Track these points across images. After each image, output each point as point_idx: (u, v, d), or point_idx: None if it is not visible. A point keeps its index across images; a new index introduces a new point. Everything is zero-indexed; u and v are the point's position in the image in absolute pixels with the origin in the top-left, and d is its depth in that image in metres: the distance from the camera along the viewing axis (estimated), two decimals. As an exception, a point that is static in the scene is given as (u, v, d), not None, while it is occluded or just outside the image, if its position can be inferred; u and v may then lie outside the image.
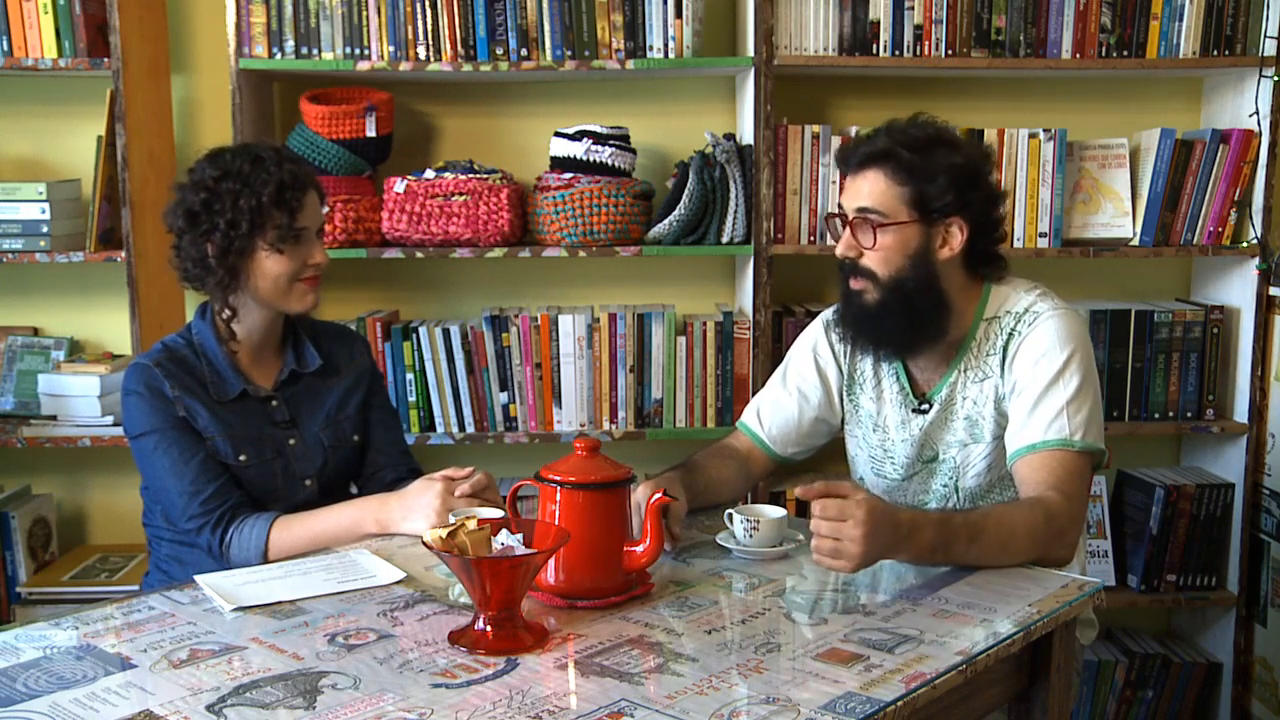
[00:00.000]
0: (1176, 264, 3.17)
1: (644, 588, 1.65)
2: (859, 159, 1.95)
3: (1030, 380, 1.91)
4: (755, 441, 2.18)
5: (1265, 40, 2.81)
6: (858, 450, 2.16)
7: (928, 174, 1.91)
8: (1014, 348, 1.95)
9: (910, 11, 2.79)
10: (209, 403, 2.00)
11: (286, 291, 2.02)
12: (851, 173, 1.96)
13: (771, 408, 2.18)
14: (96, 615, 1.60)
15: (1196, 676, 3.06)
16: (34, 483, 3.07)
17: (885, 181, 1.92)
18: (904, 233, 1.92)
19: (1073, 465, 1.86)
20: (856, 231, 1.94)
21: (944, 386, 2.02)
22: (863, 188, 1.93)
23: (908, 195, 1.91)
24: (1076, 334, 1.94)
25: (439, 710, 1.30)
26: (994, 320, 1.99)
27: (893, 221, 1.92)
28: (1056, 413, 1.88)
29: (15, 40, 2.71)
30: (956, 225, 1.94)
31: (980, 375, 1.99)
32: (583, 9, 2.75)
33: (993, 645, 1.49)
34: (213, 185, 1.96)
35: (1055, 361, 1.90)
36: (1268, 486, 2.92)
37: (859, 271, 1.96)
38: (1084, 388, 1.90)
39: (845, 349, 2.13)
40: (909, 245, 1.93)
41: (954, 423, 2.01)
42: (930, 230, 1.93)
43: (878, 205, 1.92)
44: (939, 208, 1.92)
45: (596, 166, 2.80)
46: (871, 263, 1.94)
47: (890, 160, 1.91)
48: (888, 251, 1.93)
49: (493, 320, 2.87)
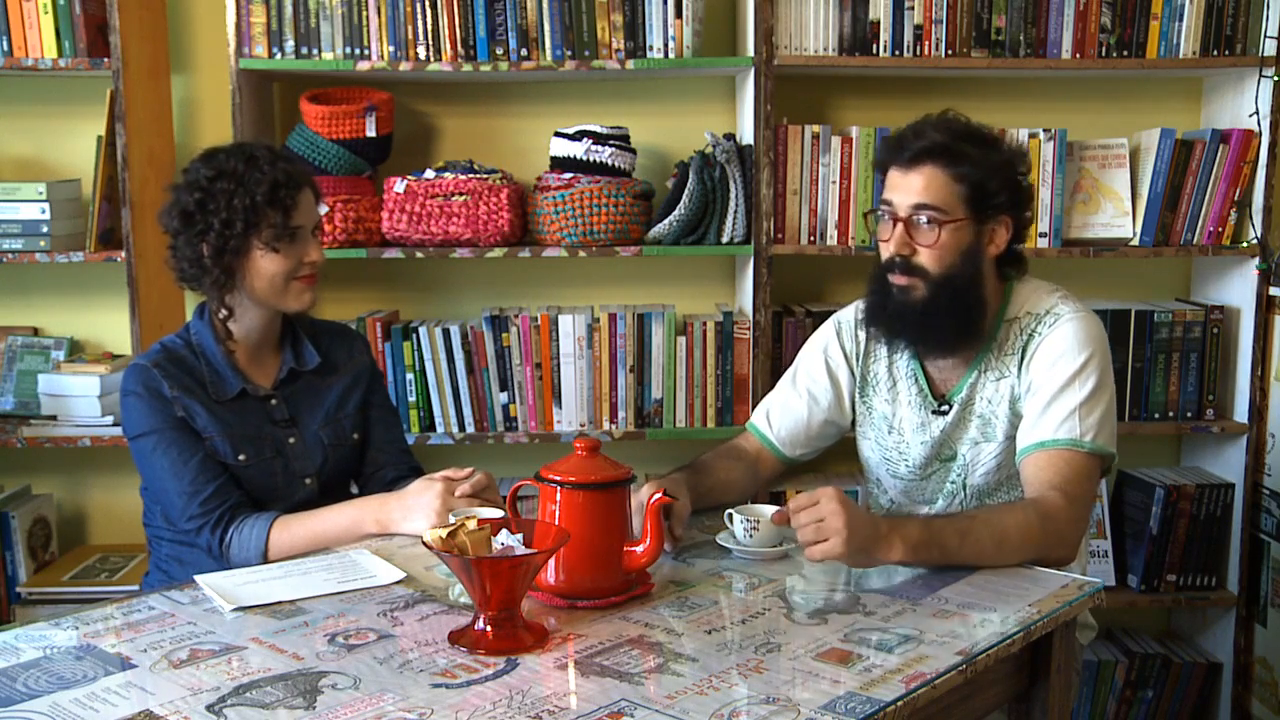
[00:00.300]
0: (1176, 264, 3.17)
1: (644, 588, 1.65)
2: (914, 153, 1.91)
3: (1046, 380, 1.91)
4: (764, 443, 2.18)
5: (1265, 40, 2.81)
6: (871, 452, 2.15)
7: (985, 171, 1.90)
8: (1033, 348, 1.95)
9: (910, 11, 2.78)
10: (208, 402, 2.00)
11: (283, 290, 2.02)
12: (904, 167, 1.92)
13: (781, 410, 2.17)
14: (96, 615, 1.60)
15: (1196, 676, 3.06)
16: (34, 483, 3.07)
17: (944, 177, 1.90)
18: (959, 230, 1.91)
19: (1080, 466, 1.86)
20: (911, 228, 1.92)
21: (964, 387, 2.01)
22: (918, 183, 1.90)
23: (965, 192, 1.90)
24: (1096, 337, 1.94)
25: (439, 710, 1.30)
26: (1014, 321, 1.99)
27: (950, 219, 1.90)
28: (1069, 413, 1.88)
29: (15, 40, 2.71)
30: (1004, 223, 1.93)
31: (998, 375, 1.99)
32: (583, 9, 2.75)
33: (993, 645, 1.49)
34: (207, 185, 1.96)
35: (1073, 363, 1.90)
36: (1268, 486, 2.92)
37: (910, 269, 1.93)
38: (1099, 391, 1.90)
39: (858, 350, 2.13)
40: (962, 242, 1.92)
41: (970, 422, 2.01)
42: (981, 228, 1.93)
43: (937, 202, 1.90)
44: (994, 205, 1.91)
45: (596, 166, 2.80)
46: (925, 260, 1.92)
47: (948, 155, 1.89)
48: (944, 249, 1.91)
49: (493, 320, 2.87)
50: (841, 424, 2.18)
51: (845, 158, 2.85)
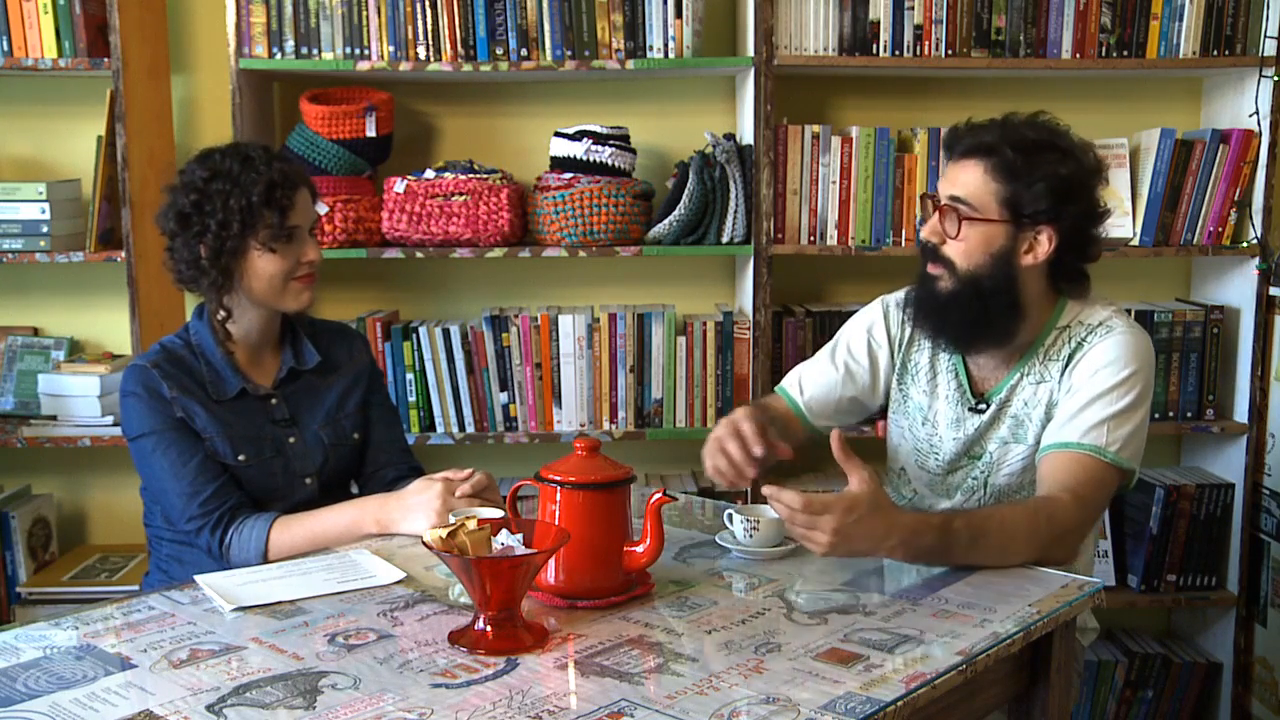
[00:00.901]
0: (1176, 264, 3.17)
1: (644, 588, 1.65)
2: (963, 148, 1.93)
3: (1084, 385, 1.90)
4: (792, 407, 2.15)
5: (1265, 40, 2.81)
6: (902, 440, 2.14)
7: (1028, 177, 1.88)
8: (1079, 356, 1.94)
9: (910, 11, 2.79)
10: (207, 403, 1.99)
11: (281, 290, 2.02)
12: (953, 159, 1.95)
13: (814, 378, 2.16)
14: (96, 615, 1.60)
15: (1196, 676, 3.06)
16: (34, 483, 3.07)
17: (983, 176, 1.90)
18: (990, 230, 1.90)
19: (1097, 473, 1.85)
20: (944, 218, 1.92)
21: (1004, 388, 2.01)
22: (959, 177, 1.92)
23: (1002, 194, 1.89)
24: (1144, 356, 1.93)
25: (439, 710, 1.30)
26: (1065, 329, 1.98)
27: (981, 217, 1.90)
28: (1099, 422, 1.87)
29: (15, 40, 2.71)
30: (1046, 234, 1.91)
31: (1038, 379, 1.98)
32: (583, 9, 2.75)
33: (993, 645, 1.48)
34: (203, 186, 1.96)
35: (1115, 375, 1.89)
36: (1268, 486, 2.92)
37: (939, 258, 1.94)
38: (1135, 408, 1.89)
39: (902, 336, 2.12)
40: (993, 243, 1.91)
41: (1003, 422, 2.01)
42: (1018, 234, 1.91)
43: (970, 197, 1.90)
44: (1031, 213, 1.89)
45: (596, 166, 2.80)
46: (952, 252, 1.93)
47: (993, 155, 1.89)
48: (970, 246, 1.91)
49: (493, 320, 2.87)
50: (869, 405, 2.17)
51: (845, 158, 2.85)
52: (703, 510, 2.11)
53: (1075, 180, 1.91)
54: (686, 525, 1.99)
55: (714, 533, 1.90)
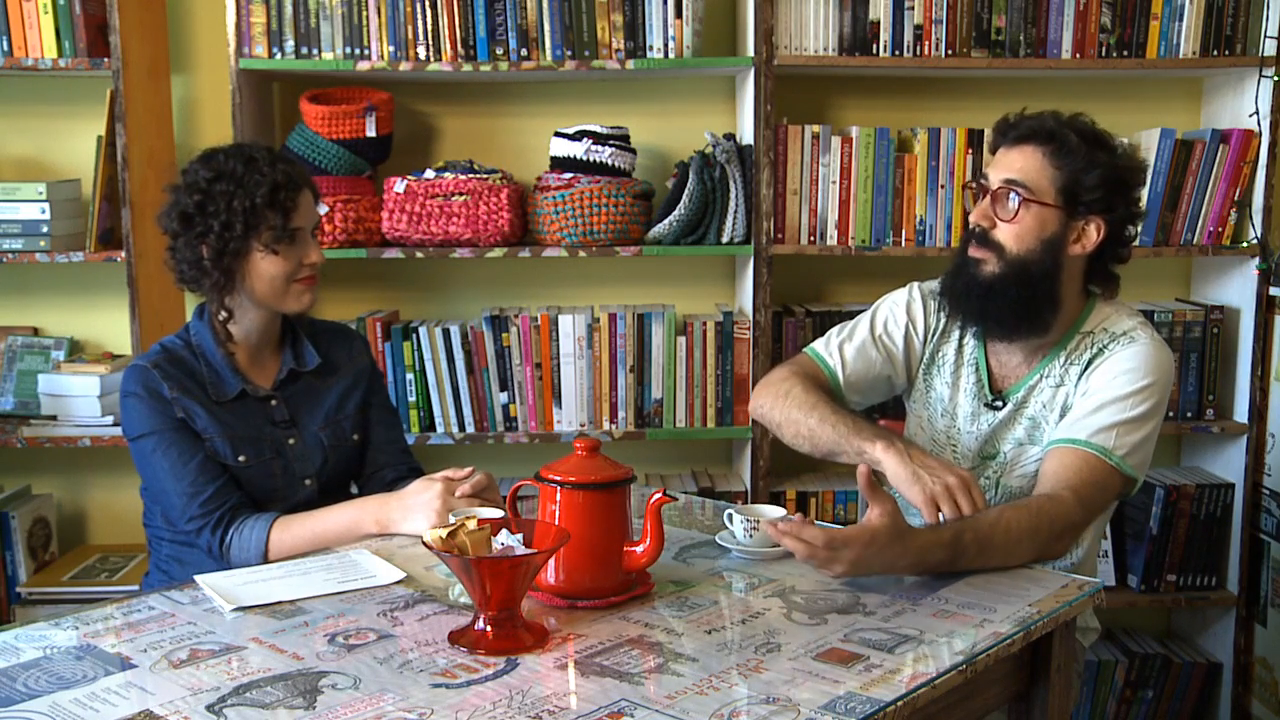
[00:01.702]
0: (1176, 264, 3.17)
1: (644, 588, 1.65)
2: (1022, 131, 1.93)
3: (1100, 389, 1.91)
4: (830, 378, 2.10)
5: (1265, 40, 2.81)
6: (919, 431, 2.13)
7: (1086, 165, 1.89)
8: (1099, 362, 1.94)
9: (910, 11, 2.79)
10: (207, 403, 1.99)
11: (283, 292, 2.02)
12: (1008, 145, 1.94)
13: (858, 351, 2.11)
14: (96, 615, 1.60)
15: (1196, 676, 3.06)
16: (34, 483, 3.07)
17: (1042, 160, 1.90)
18: (1044, 215, 1.91)
19: (1100, 474, 1.86)
20: (997, 201, 1.92)
21: (1022, 388, 2.01)
22: (1016, 161, 1.92)
23: (1060, 180, 1.90)
24: (1164, 369, 1.93)
25: (439, 710, 1.30)
26: (1089, 334, 1.99)
27: (1038, 200, 1.90)
28: (1110, 425, 1.87)
29: (15, 40, 2.71)
30: (1095, 225, 1.92)
31: (1056, 382, 1.98)
32: (583, 9, 2.75)
33: (993, 645, 1.48)
34: (206, 187, 1.96)
35: (1133, 383, 1.90)
36: (1268, 486, 2.92)
37: (987, 242, 1.94)
38: (1147, 418, 1.90)
39: (935, 326, 2.11)
40: (1045, 229, 1.91)
41: (1019, 423, 2.01)
42: (1070, 222, 1.92)
43: (1027, 180, 1.90)
44: (1087, 201, 1.90)
45: (596, 166, 2.80)
46: (1003, 236, 1.92)
47: (1054, 140, 1.90)
48: (1023, 229, 1.91)
49: (493, 320, 2.87)
50: (897, 386, 2.15)
51: (845, 158, 2.85)
52: (703, 510, 2.11)
53: (1129, 175, 1.94)
54: (686, 525, 1.99)
55: (714, 533, 1.90)
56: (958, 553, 1.69)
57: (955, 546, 1.68)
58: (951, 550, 1.68)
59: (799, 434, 1.99)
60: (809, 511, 2.92)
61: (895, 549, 1.64)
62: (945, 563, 1.69)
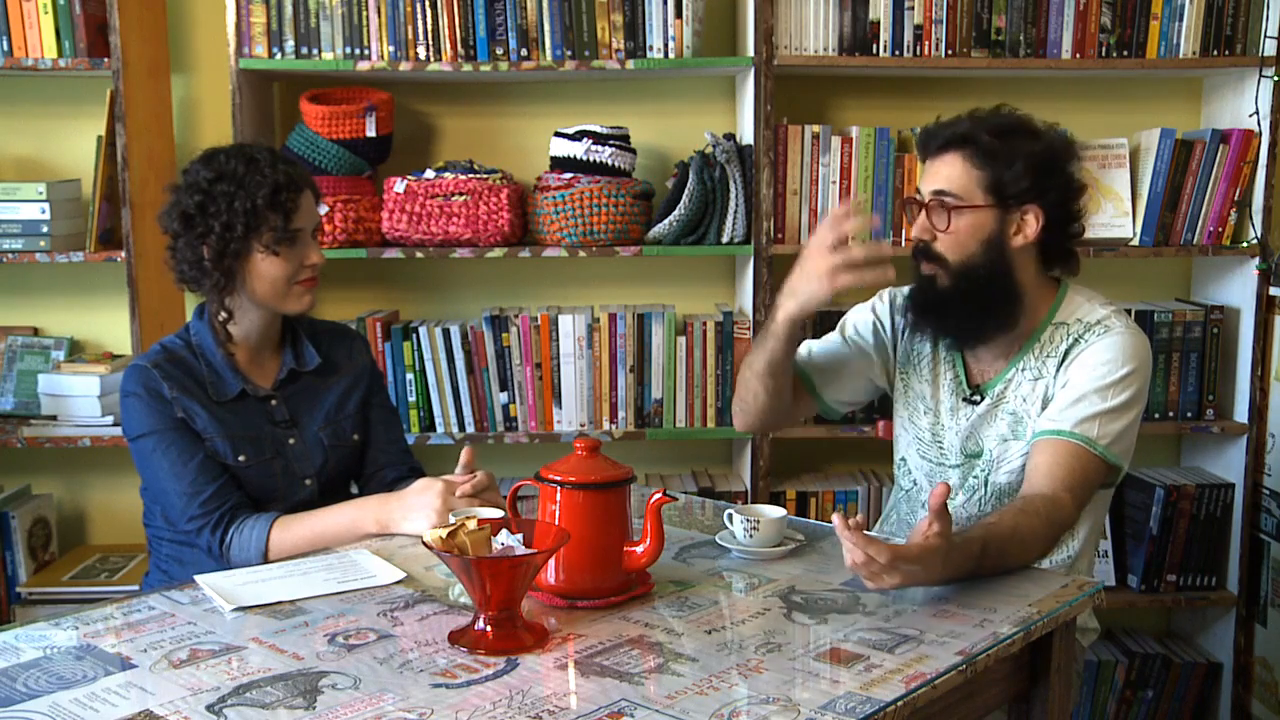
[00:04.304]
0: (1176, 264, 3.17)
1: (644, 588, 1.65)
2: (939, 143, 1.95)
3: (1080, 380, 1.91)
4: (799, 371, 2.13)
5: (1265, 40, 2.81)
6: (904, 430, 2.14)
7: (1006, 159, 1.91)
8: (1075, 352, 1.95)
9: (910, 11, 2.79)
10: (208, 403, 1.99)
11: (284, 293, 2.02)
12: (931, 156, 1.97)
13: (823, 344, 2.16)
14: (96, 615, 1.60)
15: (1196, 676, 3.06)
16: (34, 483, 3.07)
17: (963, 165, 1.92)
18: (978, 217, 1.92)
19: (1088, 468, 1.87)
20: (932, 214, 1.94)
21: (999, 382, 2.02)
22: (941, 171, 1.94)
23: (985, 180, 1.92)
24: (1142, 356, 1.94)
25: (439, 710, 1.30)
26: (1063, 325, 1.99)
27: (967, 205, 1.92)
28: (1092, 415, 1.88)
29: (15, 40, 2.71)
30: (1033, 213, 1.93)
31: (1035, 375, 1.99)
32: (583, 9, 2.75)
33: (993, 645, 1.48)
34: (207, 187, 1.96)
35: (1112, 372, 1.90)
36: (1268, 486, 2.92)
37: (931, 256, 1.95)
38: (1129, 406, 1.90)
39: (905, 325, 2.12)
40: (982, 230, 1.93)
41: (1000, 418, 2.01)
42: (1005, 216, 1.93)
43: (953, 188, 1.92)
44: (1015, 194, 1.92)
45: (596, 166, 2.80)
46: (944, 247, 1.94)
47: (969, 144, 1.92)
48: (960, 235, 1.93)
49: (493, 320, 2.87)
50: (878, 383, 2.17)
51: (845, 158, 2.85)
52: (703, 510, 2.11)
53: (1051, 156, 1.95)
54: (686, 525, 1.99)
55: (714, 533, 1.90)
56: (981, 563, 1.68)
57: (981, 557, 1.68)
58: (978, 561, 1.68)
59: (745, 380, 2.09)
60: (809, 512, 2.92)
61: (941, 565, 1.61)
62: (970, 572, 1.68)
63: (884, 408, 2.88)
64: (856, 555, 1.56)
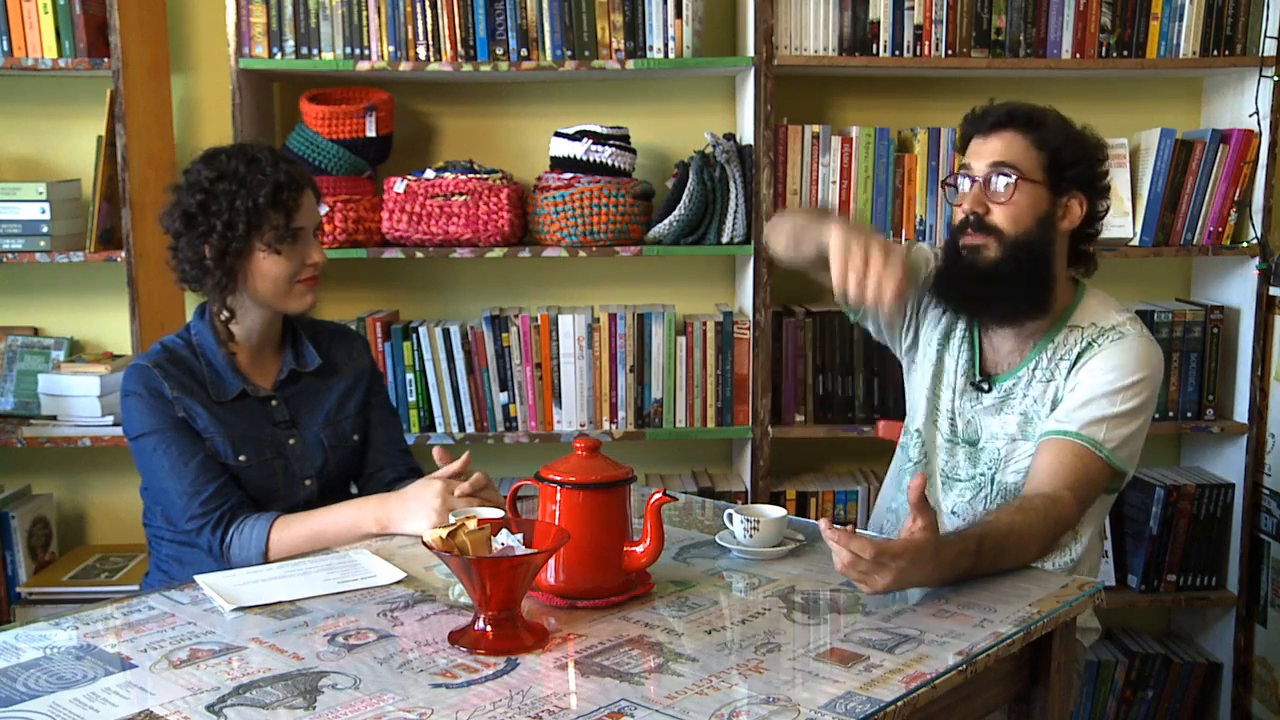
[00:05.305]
0: (1176, 264, 3.17)
1: (644, 588, 1.65)
2: (997, 117, 1.97)
3: (1091, 383, 1.92)
4: None
5: (1265, 40, 2.81)
6: (919, 401, 2.13)
7: (1063, 142, 1.94)
8: (1087, 357, 1.95)
9: (910, 11, 2.79)
10: (208, 403, 1.99)
11: (285, 292, 2.02)
12: (985, 133, 1.97)
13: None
14: (96, 615, 1.60)
15: (1196, 676, 3.06)
16: (34, 483, 3.07)
17: (1024, 142, 1.94)
18: (1036, 193, 1.94)
19: (1094, 470, 1.87)
20: (989, 186, 1.94)
21: (1009, 378, 2.02)
22: (999, 146, 1.95)
23: (1044, 159, 1.94)
24: (1154, 365, 1.95)
25: (439, 710, 1.30)
26: (1077, 328, 1.99)
27: (1029, 179, 1.93)
28: (1100, 418, 1.88)
29: (15, 40, 2.71)
30: (1078, 200, 1.97)
31: (1046, 376, 1.99)
32: (583, 9, 2.75)
33: (993, 645, 1.48)
34: (209, 187, 1.96)
35: (1123, 379, 1.91)
36: (1268, 486, 2.92)
37: (983, 227, 1.95)
38: (1137, 413, 1.91)
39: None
40: (1038, 207, 1.94)
41: (1007, 415, 2.01)
42: (1056, 199, 1.95)
43: (1015, 161, 1.93)
44: (1070, 177, 1.94)
45: (596, 166, 2.80)
46: (999, 219, 1.94)
47: (1030, 123, 1.95)
48: (1019, 209, 1.93)
49: (493, 320, 2.87)
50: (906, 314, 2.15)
51: (845, 158, 2.85)
52: (703, 510, 2.11)
53: (1099, 152, 2.00)
54: (686, 525, 1.99)
55: (714, 533, 1.90)
56: (979, 560, 1.68)
57: (978, 555, 1.68)
58: (975, 559, 1.68)
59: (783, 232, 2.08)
60: (809, 512, 2.92)
61: (933, 563, 1.61)
62: (967, 570, 1.68)
63: (884, 408, 2.89)
64: (843, 555, 1.57)
